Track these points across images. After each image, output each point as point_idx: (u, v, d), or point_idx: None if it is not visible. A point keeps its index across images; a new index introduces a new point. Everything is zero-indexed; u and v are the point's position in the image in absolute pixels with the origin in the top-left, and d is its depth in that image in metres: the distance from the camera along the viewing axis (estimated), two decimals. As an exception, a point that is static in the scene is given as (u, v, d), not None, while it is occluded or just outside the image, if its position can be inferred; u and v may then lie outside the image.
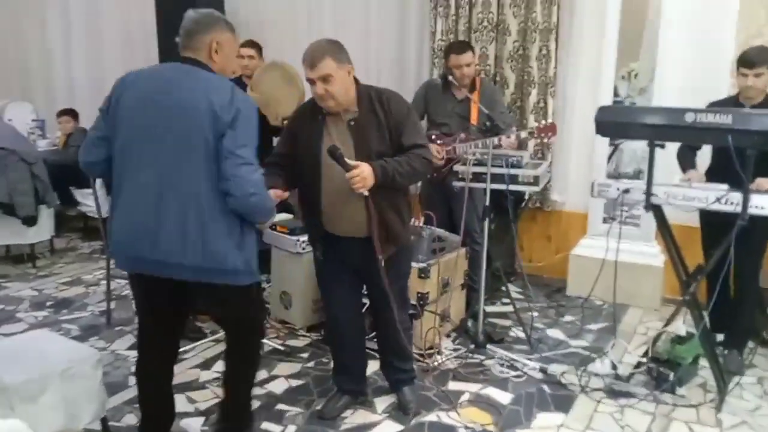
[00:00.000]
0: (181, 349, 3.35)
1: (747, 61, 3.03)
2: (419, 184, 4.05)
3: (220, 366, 3.28)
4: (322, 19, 5.27)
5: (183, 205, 2.13)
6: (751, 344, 3.33)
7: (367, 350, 2.98)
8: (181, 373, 3.22)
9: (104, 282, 4.07)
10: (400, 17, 4.95)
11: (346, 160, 2.41)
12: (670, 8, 4.00)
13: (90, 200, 5.02)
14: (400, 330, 2.72)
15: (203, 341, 3.54)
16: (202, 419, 2.84)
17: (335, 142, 2.49)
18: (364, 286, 2.83)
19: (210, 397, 3.01)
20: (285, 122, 4.04)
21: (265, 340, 3.54)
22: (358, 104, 2.54)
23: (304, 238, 3.64)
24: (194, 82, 2.17)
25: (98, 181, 4.04)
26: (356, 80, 2.58)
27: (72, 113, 5.87)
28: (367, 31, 5.08)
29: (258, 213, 2.24)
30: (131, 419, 2.80)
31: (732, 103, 3.15)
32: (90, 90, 6.27)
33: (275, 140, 4.32)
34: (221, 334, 3.55)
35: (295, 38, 5.34)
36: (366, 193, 2.42)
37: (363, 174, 2.40)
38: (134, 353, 3.40)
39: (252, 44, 4.21)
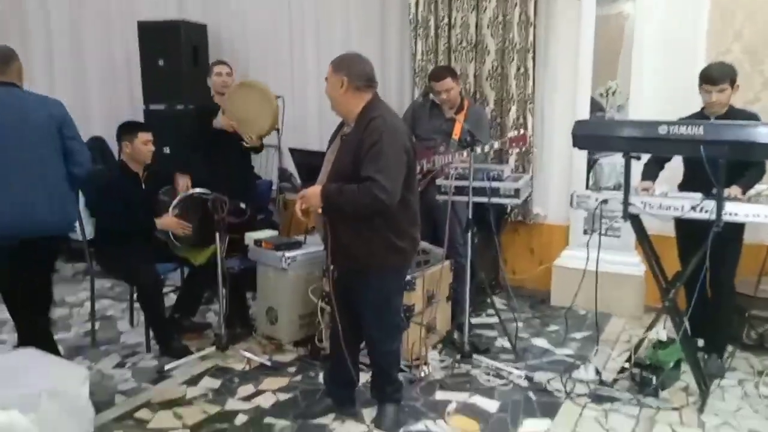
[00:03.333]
0: (167, 367, 3.41)
1: (710, 78, 3.11)
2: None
3: (206, 382, 3.30)
4: (304, 40, 5.37)
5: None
6: (730, 348, 3.40)
7: (364, 363, 3.01)
8: (168, 389, 3.22)
9: (87, 303, 4.07)
10: (381, 39, 5.05)
11: (294, 184, 2.61)
12: (644, 28, 4.14)
13: (73, 222, 5.01)
14: (378, 352, 2.81)
15: (189, 358, 3.54)
16: (188, 433, 2.84)
17: (331, 151, 2.68)
18: None
19: (197, 413, 3.00)
20: (258, 140, 4.13)
21: (252, 356, 3.56)
22: (356, 122, 2.61)
23: (290, 254, 3.70)
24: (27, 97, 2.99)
25: (81, 203, 4.04)
26: (374, 100, 2.62)
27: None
28: (347, 50, 5.16)
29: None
30: (118, 436, 2.80)
31: (699, 117, 3.24)
32: (74, 115, 6.12)
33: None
34: (207, 351, 3.58)
35: (277, 59, 5.46)
36: (318, 210, 2.58)
37: (308, 194, 2.58)
38: (120, 372, 3.44)
39: (224, 63, 4.29)
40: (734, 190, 2.91)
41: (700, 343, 3.40)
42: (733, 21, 3.92)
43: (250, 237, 3.89)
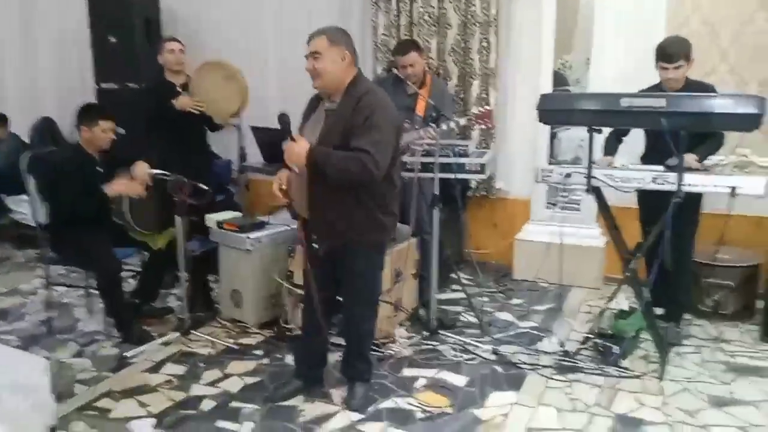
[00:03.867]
0: (128, 354, 3.34)
1: (666, 55, 3.12)
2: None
3: (169, 368, 3.23)
4: (261, 13, 5.22)
5: None
6: (687, 316, 3.49)
7: (333, 343, 2.98)
8: (130, 377, 3.15)
9: (42, 291, 3.94)
10: (342, 12, 4.94)
11: (292, 133, 2.50)
12: (603, 1, 4.15)
13: (23, 207, 4.82)
14: (358, 330, 2.81)
15: (151, 344, 3.46)
16: (153, 421, 2.77)
17: (311, 126, 2.62)
18: None
19: (162, 400, 2.94)
20: (230, 119, 4.05)
21: (217, 340, 3.50)
22: (343, 96, 2.57)
23: (255, 235, 3.63)
24: None
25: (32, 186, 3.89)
26: (359, 75, 2.62)
27: (2, 118, 5.61)
28: (309, 25, 4.99)
29: None
30: (80, 427, 2.72)
31: (657, 90, 3.25)
32: (22, 94, 6.02)
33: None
34: (170, 336, 3.51)
35: (235, 35, 5.29)
36: (296, 170, 2.50)
37: (294, 149, 2.48)
38: (79, 360, 3.34)
39: (175, 39, 4.16)
40: (689, 158, 2.96)
41: (659, 311, 3.48)
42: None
43: (212, 219, 3.80)
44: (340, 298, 2.93)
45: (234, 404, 2.89)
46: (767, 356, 3.24)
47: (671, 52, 3.11)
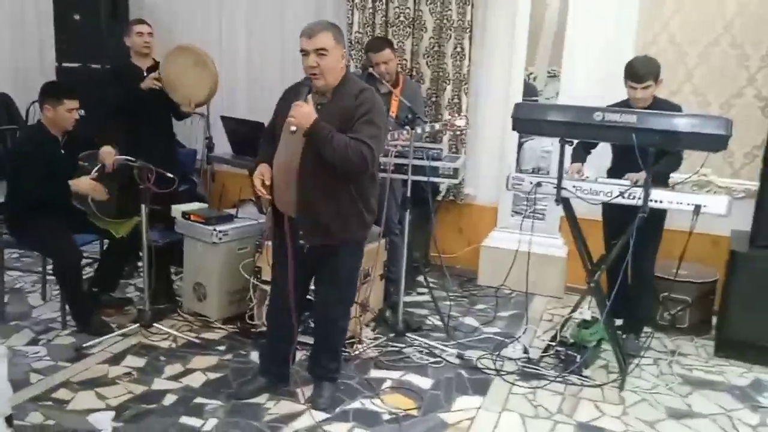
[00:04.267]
0: (86, 344, 3.23)
1: (635, 75, 3.17)
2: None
3: (129, 361, 3.15)
4: (236, 6, 5.12)
5: None
6: (647, 329, 3.60)
7: (300, 342, 2.96)
8: (89, 369, 3.05)
9: (-6, 275, 3.77)
10: (317, 9, 4.90)
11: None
12: (575, 16, 4.23)
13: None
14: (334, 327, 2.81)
15: (110, 335, 3.36)
16: (112, 413, 2.69)
17: None
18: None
19: (121, 393, 2.86)
20: (196, 107, 3.96)
21: (178, 333, 3.43)
22: (336, 90, 2.56)
23: (221, 227, 3.56)
24: None
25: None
26: (348, 71, 2.63)
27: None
28: (282, 22, 5.00)
29: None
30: (37, 417, 2.62)
31: (625, 105, 3.28)
32: None
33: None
34: (129, 328, 3.41)
35: (204, 22, 5.19)
36: (293, 129, 2.43)
37: (304, 108, 2.43)
38: (34, 348, 3.22)
39: (144, 21, 4.04)
40: (632, 176, 3.07)
41: (619, 322, 3.57)
42: (662, 11, 4.06)
43: (178, 209, 3.71)
44: (310, 297, 2.91)
45: (197, 400, 2.84)
46: (721, 371, 3.36)
47: (641, 72, 3.17)
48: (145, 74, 3.87)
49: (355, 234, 2.67)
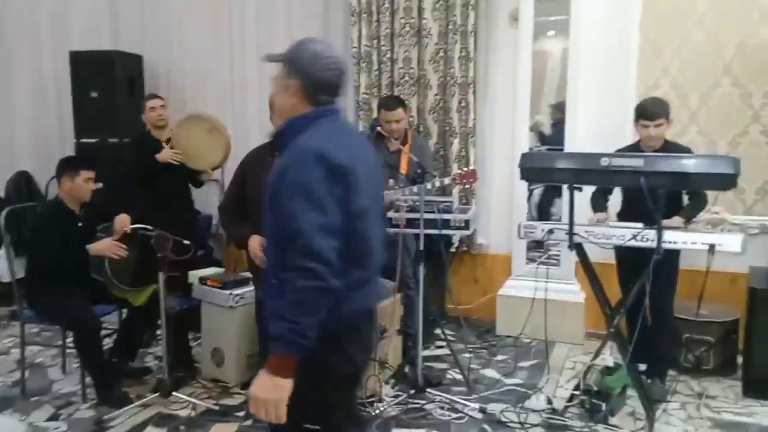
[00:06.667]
0: (106, 416, 3.22)
1: (647, 114, 3.24)
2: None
3: None
4: (244, 69, 5.29)
5: None
6: (672, 372, 3.52)
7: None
8: (110, 441, 3.04)
9: (14, 350, 3.80)
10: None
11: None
12: (577, 65, 4.32)
13: (-1, 263, 4.70)
14: None
15: (130, 406, 3.35)
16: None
17: None
18: None
19: (143, 464, 2.84)
20: (213, 171, 4.06)
21: (197, 401, 3.41)
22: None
23: (238, 291, 3.59)
24: None
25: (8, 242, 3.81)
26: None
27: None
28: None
29: None
30: (58, 494, 2.60)
31: (635, 149, 3.35)
32: None
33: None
34: (149, 398, 3.40)
35: (216, 90, 5.35)
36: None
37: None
38: (55, 424, 3.21)
39: (156, 96, 4.19)
40: (676, 221, 3.04)
41: (642, 367, 3.51)
42: (661, 57, 4.15)
43: (195, 275, 3.76)
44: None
45: (218, 468, 2.80)
46: (751, 412, 3.27)
47: (653, 110, 3.23)
48: (163, 145, 3.99)
49: None
